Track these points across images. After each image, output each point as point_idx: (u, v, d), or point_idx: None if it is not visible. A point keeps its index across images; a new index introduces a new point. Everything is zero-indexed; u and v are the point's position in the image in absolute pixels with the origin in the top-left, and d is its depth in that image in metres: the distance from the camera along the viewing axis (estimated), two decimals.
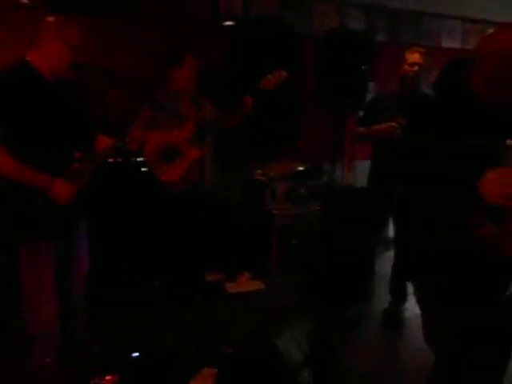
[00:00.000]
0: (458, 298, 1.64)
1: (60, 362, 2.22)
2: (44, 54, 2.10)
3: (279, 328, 2.91)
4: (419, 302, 1.79)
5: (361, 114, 3.72)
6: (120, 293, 3.27)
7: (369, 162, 3.52)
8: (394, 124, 3.14)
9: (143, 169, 3.21)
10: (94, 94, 2.83)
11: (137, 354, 2.62)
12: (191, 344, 2.72)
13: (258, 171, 3.75)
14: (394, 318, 3.42)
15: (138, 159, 3.31)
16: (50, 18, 2.11)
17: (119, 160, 3.36)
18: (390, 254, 3.67)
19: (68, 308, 2.25)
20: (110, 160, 3.36)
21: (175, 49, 3.25)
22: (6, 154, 1.97)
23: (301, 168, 3.87)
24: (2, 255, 2.74)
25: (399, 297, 3.45)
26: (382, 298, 3.56)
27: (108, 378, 2.39)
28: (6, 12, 3.48)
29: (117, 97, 3.26)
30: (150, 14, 3.92)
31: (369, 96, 4.22)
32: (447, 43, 5.73)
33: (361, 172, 4.72)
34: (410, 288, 3.12)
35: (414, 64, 3.21)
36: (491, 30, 1.55)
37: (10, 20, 3.45)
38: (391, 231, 3.89)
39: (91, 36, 3.05)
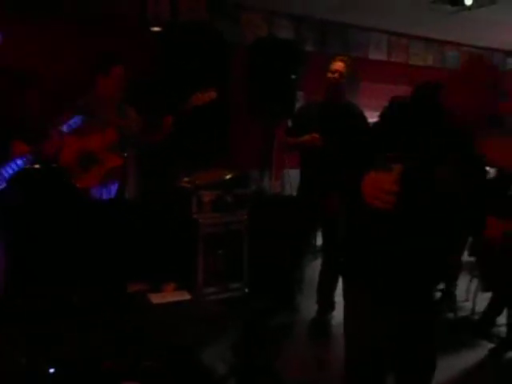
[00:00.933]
0: (390, 296, 1.86)
1: None
2: None
3: (204, 340, 3.07)
4: (346, 296, 2.01)
5: (289, 123, 4.00)
6: (38, 303, 3.27)
7: (297, 170, 3.78)
8: (316, 135, 3.40)
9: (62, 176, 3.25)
10: (8, 96, 2.89)
11: (53, 370, 2.66)
12: (111, 357, 2.80)
13: (185, 179, 3.89)
14: (321, 326, 3.64)
15: (55, 165, 3.35)
16: None
17: (37, 166, 3.38)
18: (318, 263, 3.92)
19: None
20: (27, 166, 3.37)
21: (104, 55, 3.35)
22: None
23: (228, 176, 4.05)
24: None
25: (327, 305, 3.68)
26: (310, 307, 3.77)
27: None
28: None
29: (35, 99, 3.32)
30: (76, 14, 3.99)
31: (298, 105, 4.52)
32: (374, 55, 6.22)
33: (289, 181, 5.03)
34: (337, 297, 3.44)
35: (335, 71, 3.44)
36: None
37: None
38: (319, 240, 4.17)
39: (12, 36, 3.11)
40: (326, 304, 3.69)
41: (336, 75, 3.44)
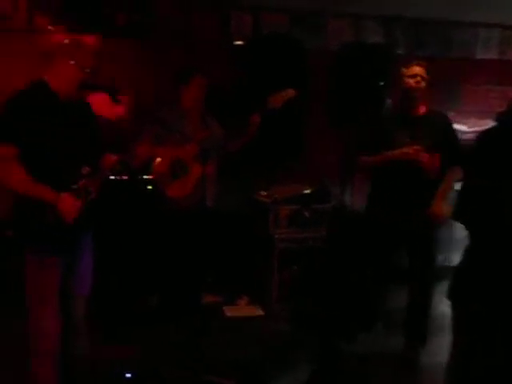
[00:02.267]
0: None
1: (59, 378, 2.66)
2: (57, 74, 2.57)
3: (275, 361, 3.33)
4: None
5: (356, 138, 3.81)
6: (116, 310, 3.77)
7: None
8: (418, 147, 3.24)
9: (148, 187, 3.70)
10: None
11: (129, 375, 3.09)
12: (181, 367, 3.18)
13: (262, 192, 4.19)
14: (408, 362, 3.49)
15: (144, 176, 3.82)
16: (64, 40, 2.59)
17: (125, 177, 3.87)
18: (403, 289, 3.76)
19: (69, 324, 2.70)
20: (116, 177, 3.88)
21: (184, 67, 3.78)
22: (20, 169, 2.43)
23: (307, 191, 4.31)
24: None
25: (416, 339, 3.56)
26: (391, 337, 3.69)
27: None
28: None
29: (125, 115, 3.80)
30: (159, 34, 4.47)
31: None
32: (483, 54, 5.85)
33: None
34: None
35: (415, 75, 3.27)
36: None
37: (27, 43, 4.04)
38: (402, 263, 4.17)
39: (102, 56, 3.58)
40: (416, 337, 3.58)
41: (418, 79, 3.28)
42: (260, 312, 4.12)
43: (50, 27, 4.25)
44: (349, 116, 4.70)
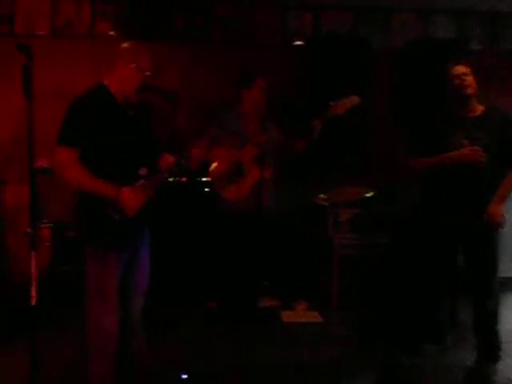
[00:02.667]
0: None
1: (115, 375, 2.79)
2: (118, 78, 2.73)
3: (334, 369, 3.33)
4: None
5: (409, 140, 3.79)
6: (174, 311, 3.92)
7: None
8: (475, 148, 3.21)
9: (206, 189, 3.82)
10: (160, 114, 3.49)
11: (185, 376, 3.19)
12: (238, 371, 3.24)
13: (321, 196, 4.20)
14: (479, 379, 3.37)
15: (202, 179, 3.95)
16: (124, 45, 2.75)
17: (183, 179, 4.02)
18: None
19: (127, 322, 2.83)
20: (174, 179, 4.03)
21: (246, 71, 3.88)
22: (82, 169, 2.59)
23: (369, 194, 4.27)
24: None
25: (487, 354, 3.41)
26: (461, 351, 3.56)
27: None
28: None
29: (183, 117, 3.94)
30: (219, 36, 4.59)
31: None
32: None
33: None
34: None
35: (461, 75, 3.26)
36: None
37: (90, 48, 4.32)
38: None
39: (161, 59, 3.76)
40: (487, 352, 3.42)
41: (464, 78, 3.25)
42: (319, 318, 4.12)
43: (111, 33, 4.55)
44: (415, 117, 4.63)
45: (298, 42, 4.73)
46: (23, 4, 4.60)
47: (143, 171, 2.71)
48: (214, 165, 3.69)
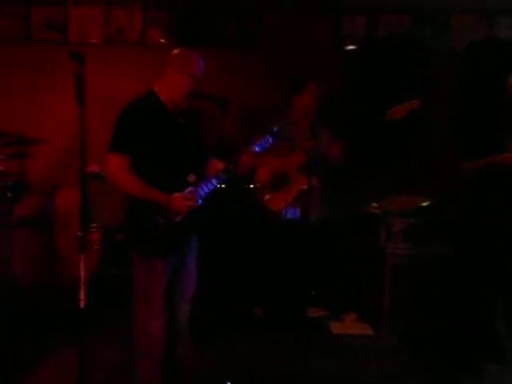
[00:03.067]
0: None
1: (162, 379, 2.86)
2: (168, 85, 2.81)
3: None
4: None
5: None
6: (219, 317, 4.00)
7: None
8: None
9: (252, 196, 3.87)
10: (210, 120, 3.57)
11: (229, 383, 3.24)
12: (286, 381, 3.27)
13: (374, 204, 4.18)
14: None
15: (250, 186, 4.00)
16: (175, 51, 2.84)
17: (230, 186, 4.08)
18: None
19: (173, 327, 2.91)
20: (222, 185, 4.10)
21: (297, 76, 3.93)
22: (133, 175, 2.70)
23: (425, 203, 4.21)
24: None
25: None
26: None
27: None
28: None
29: (233, 123, 4.02)
30: (269, 42, 4.65)
31: None
32: None
33: None
34: None
35: None
36: None
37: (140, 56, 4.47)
38: None
39: (210, 66, 3.83)
40: None
41: None
42: (369, 331, 4.08)
43: (162, 40, 4.69)
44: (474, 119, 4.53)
45: (351, 47, 4.71)
46: (76, 12, 4.81)
47: (192, 178, 2.79)
48: (260, 172, 3.73)
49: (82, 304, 2.46)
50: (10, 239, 4.04)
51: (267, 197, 3.81)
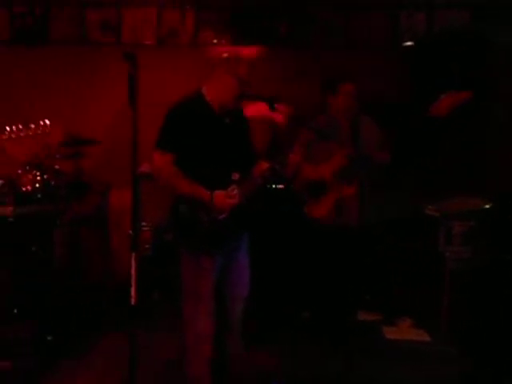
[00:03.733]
0: None
1: (211, 376, 2.97)
2: (216, 86, 2.93)
3: None
4: None
5: None
6: (269, 318, 4.09)
7: None
8: None
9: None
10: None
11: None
12: None
13: (430, 206, 4.14)
14: None
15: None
16: (224, 53, 2.93)
17: (280, 186, 4.16)
18: None
19: (225, 326, 3.03)
20: (270, 185, 4.18)
21: (332, 75, 3.94)
22: (177, 172, 2.85)
23: (486, 206, 4.15)
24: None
25: None
26: None
27: None
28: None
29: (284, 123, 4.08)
30: (321, 41, 4.70)
31: None
32: None
33: None
34: None
35: None
36: None
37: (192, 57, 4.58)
38: None
39: (263, 65, 3.91)
40: None
41: None
42: (426, 337, 4.06)
43: (214, 41, 4.78)
44: None
45: (408, 43, 4.69)
46: (130, 14, 5.01)
47: (235, 176, 2.92)
48: (300, 176, 3.76)
49: (133, 301, 2.57)
50: (67, 237, 4.24)
51: (305, 202, 3.84)
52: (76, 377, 3.33)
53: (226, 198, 2.86)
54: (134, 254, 2.55)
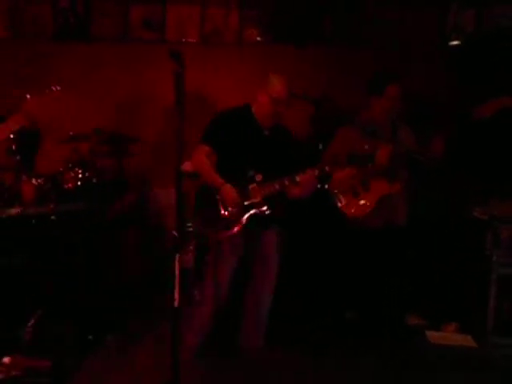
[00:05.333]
0: None
1: None
2: (257, 102, 3.43)
3: None
4: None
5: None
6: (305, 321, 4.10)
7: None
8: None
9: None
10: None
11: None
12: None
13: (478, 209, 4.02)
14: None
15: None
16: (269, 75, 3.34)
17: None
18: None
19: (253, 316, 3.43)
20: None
21: (378, 75, 3.94)
22: (205, 158, 3.36)
23: None
24: None
25: None
26: None
27: None
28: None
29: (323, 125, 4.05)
30: (368, 38, 4.71)
31: None
32: None
33: None
34: None
35: None
36: None
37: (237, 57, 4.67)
38: None
39: (308, 63, 3.86)
40: None
41: None
42: (472, 343, 3.98)
43: (258, 38, 4.80)
44: None
45: (455, 42, 4.56)
46: (174, 11, 5.04)
47: (259, 177, 3.36)
48: (336, 175, 3.68)
49: (175, 303, 2.54)
50: (108, 236, 4.24)
51: (344, 202, 3.77)
52: (116, 376, 3.35)
53: (234, 192, 3.29)
54: (177, 256, 2.53)
